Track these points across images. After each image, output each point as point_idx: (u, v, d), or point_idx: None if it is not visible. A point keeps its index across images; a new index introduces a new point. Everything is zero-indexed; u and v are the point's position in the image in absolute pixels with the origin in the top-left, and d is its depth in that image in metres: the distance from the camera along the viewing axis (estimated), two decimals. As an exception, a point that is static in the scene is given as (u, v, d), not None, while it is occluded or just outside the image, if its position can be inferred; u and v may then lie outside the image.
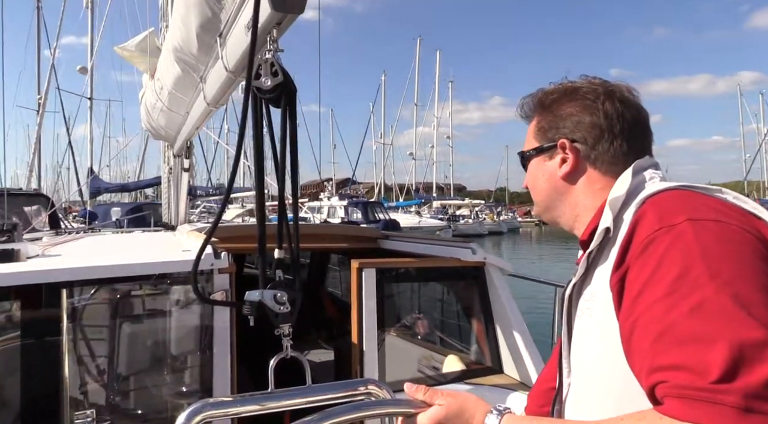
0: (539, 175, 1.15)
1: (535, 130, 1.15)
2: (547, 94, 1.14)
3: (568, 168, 1.08)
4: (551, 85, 1.16)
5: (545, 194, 1.14)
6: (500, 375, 2.76)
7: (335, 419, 1.12)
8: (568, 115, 1.08)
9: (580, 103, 1.08)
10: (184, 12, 2.21)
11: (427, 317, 3.22)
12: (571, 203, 1.10)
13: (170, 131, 4.03)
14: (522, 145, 1.20)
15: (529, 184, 1.20)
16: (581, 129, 1.07)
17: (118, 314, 2.20)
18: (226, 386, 2.18)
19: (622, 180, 1.00)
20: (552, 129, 1.11)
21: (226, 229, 3.35)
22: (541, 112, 1.14)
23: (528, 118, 1.19)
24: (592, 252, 0.98)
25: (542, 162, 1.14)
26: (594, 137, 1.05)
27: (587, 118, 1.06)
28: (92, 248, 3.12)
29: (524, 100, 1.20)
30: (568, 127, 1.08)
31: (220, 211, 1.64)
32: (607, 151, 1.05)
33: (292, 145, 1.46)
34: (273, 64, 1.38)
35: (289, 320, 1.45)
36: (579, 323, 1.00)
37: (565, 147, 1.08)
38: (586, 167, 1.07)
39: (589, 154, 1.07)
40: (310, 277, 5.02)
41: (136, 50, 4.30)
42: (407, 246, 3.34)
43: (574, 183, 1.09)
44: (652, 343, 0.75)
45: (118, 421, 2.10)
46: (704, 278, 0.75)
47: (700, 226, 0.81)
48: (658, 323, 0.76)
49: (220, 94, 2.43)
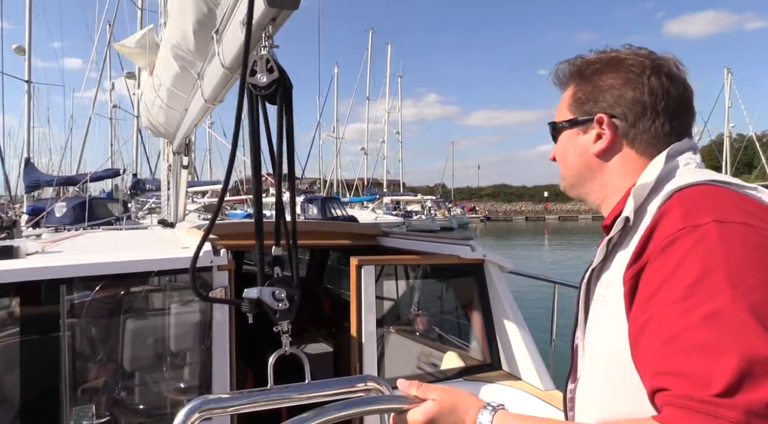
0: (570, 149, 1.08)
1: (571, 100, 1.07)
2: (588, 64, 1.05)
3: (603, 145, 1.01)
4: (593, 53, 1.07)
5: (575, 170, 1.08)
6: (499, 372, 2.76)
7: (334, 414, 1.12)
8: (608, 87, 1.01)
9: (623, 75, 1.00)
10: (180, 9, 2.21)
11: (426, 313, 3.22)
12: (601, 183, 1.04)
13: (169, 128, 4.03)
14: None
15: (558, 156, 1.13)
16: (622, 104, 0.99)
17: (117, 311, 2.20)
18: (226, 382, 2.18)
19: (654, 165, 0.95)
20: (590, 101, 1.03)
21: (225, 226, 3.35)
22: (579, 82, 1.06)
23: (562, 86, 1.12)
24: (612, 238, 0.94)
25: (575, 135, 1.07)
26: (635, 114, 0.98)
27: (630, 92, 0.99)
28: (91, 245, 3.12)
29: (560, 66, 1.11)
30: (607, 100, 1.01)
31: (218, 207, 1.64)
32: (647, 130, 0.98)
33: (288, 141, 1.46)
34: (268, 60, 1.38)
35: (288, 317, 1.45)
36: (594, 309, 0.98)
37: (602, 122, 1.01)
38: (623, 146, 1.01)
39: (627, 132, 1.00)
40: (309, 274, 5.02)
41: (135, 47, 4.30)
42: (406, 243, 3.34)
43: (607, 161, 1.02)
44: (661, 346, 0.73)
45: (118, 417, 2.10)
46: (723, 285, 0.72)
47: (727, 229, 0.77)
48: (670, 327, 0.73)
49: (218, 91, 2.43)
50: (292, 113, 1.44)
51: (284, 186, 1.52)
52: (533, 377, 2.61)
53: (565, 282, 3.46)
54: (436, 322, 3.26)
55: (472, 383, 2.66)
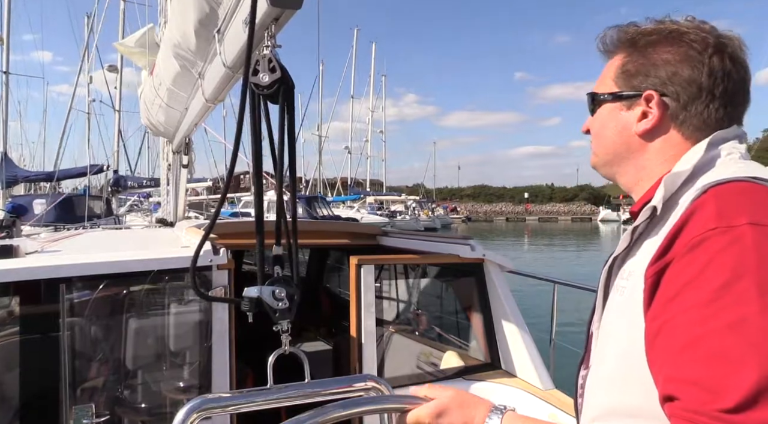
0: (609, 124, 0.99)
1: (618, 71, 0.98)
2: (643, 33, 0.95)
3: (648, 125, 0.93)
4: (649, 22, 0.97)
5: (611, 148, 0.99)
6: (499, 371, 2.76)
7: (333, 414, 1.12)
8: (663, 62, 0.91)
9: (682, 51, 0.90)
10: (181, 8, 2.21)
11: (426, 313, 3.22)
12: (637, 164, 0.96)
13: (169, 128, 4.03)
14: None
15: (593, 130, 1.04)
16: (676, 82, 0.90)
17: (117, 310, 2.20)
18: (225, 381, 2.18)
19: (692, 153, 0.88)
20: (639, 75, 0.94)
21: (225, 225, 3.35)
22: (631, 53, 0.96)
23: (608, 54, 1.02)
24: (638, 227, 0.88)
25: (617, 110, 0.97)
26: (689, 95, 0.90)
27: (686, 71, 0.89)
28: (91, 244, 3.12)
29: (608, 32, 1.02)
30: (660, 76, 0.91)
31: (218, 206, 1.64)
32: (699, 114, 0.90)
33: (290, 141, 1.46)
34: (271, 59, 1.38)
35: (288, 316, 1.45)
36: (611, 298, 0.93)
37: (650, 100, 0.92)
38: (669, 128, 0.92)
39: (677, 114, 0.91)
40: (309, 273, 5.02)
41: (135, 46, 4.29)
42: (406, 243, 3.34)
43: (649, 142, 0.94)
44: (678, 350, 0.69)
45: (118, 416, 2.10)
46: (752, 293, 0.67)
47: (762, 233, 0.71)
48: (690, 331, 0.69)
49: (219, 91, 2.43)
50: (294, 113, 1.44)
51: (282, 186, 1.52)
52: (533, 377, 2.61)
53: (565, 282, 3.46)
54: (435, 321, 3.27)
55: (472, 383, 2.67)
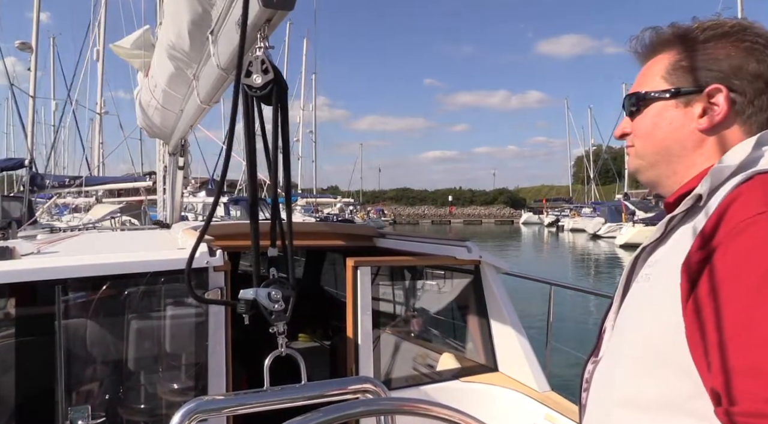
0: (663, 123, 0.94)
1: (670, 68, 0.93)
2: (702, 28, 0.91)
3: (714, 120, 0.88)
4: (703, 20, 0.93)
5: (661, 147, 0.94)
6: (495, 373, 2.76)
7: (328, 417, 1.12)
8: (725, 56, 0.88)
9: (746, 45, 0.87)
10: (175, 9, 2.20)
11: (423, 315, 3.22)
12: (687, 163, 0.92)
13: (165, 129, 4.03)
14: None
15: (639, 131, 0.98)
16: (741, 76, 0.86)
17: (112, 312, 2.20)
18: (221, 384, 2.18)
19: (740, 148, 0.85)
20: (701, 70, 0.89)
21: (220, 226, 3.34)
22: (686, 48, 0.92)
23: (648, 54, 0.99)
24: (674, 218, 0.85)
25: (671, 108, 0.93)
26: (755, 90, 0.86)
27: (753, 64, 0.86)
28: (87, 246, 3.11)
29: (648, 32, 0.98)
30: (723, 70, 0.88)
31: (212, 208, 1.63)
32: (764, 110, 0.87)
33: (284, 142, 1.46)
34: (264, 61, 1.38)
35: (284, 318, 1.45)
36: (634, 288, 0.90)
37: (714, 94, 0.88)
38: (733, 124, 0.88)
39: (744, 109, 0.87)
40: (306, 275, 5.02)
41: (131, 48, 4.28)
42: (403, 244, 3.34)
43: (709, 137, 0.90)
44: (730, 337, 0.66)
45: (113, 417, 2.10)
46: None
47: None
48: (741, 317, 0.66)
49: (213, 92, 2.43)
50: (287, 114, 1.44)
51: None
52: (529, 379, 2.61)
53: (562, 283, 3.46)
54: (432, 323, 3.27)
55: (468, 384, 2.66)
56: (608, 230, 37.42)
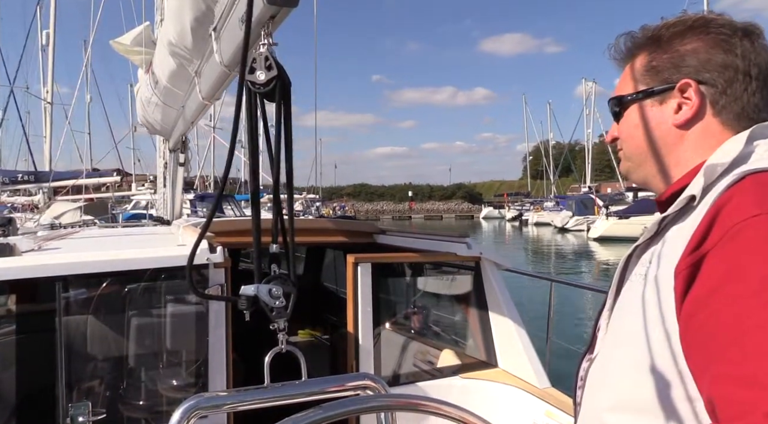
0: (641, 123, 0.96)
1: (643, 70, 0.96)
2: (667, 27, 0.94)
3: (688, 114, 0.90)
4: (668, 19, 0.96)
5: (644, 146, 0.97)
6: (495, 369, 2.77)
7: (329, 413, 1.12)
8: (693, 51, 0.90)
9: (711, 38, 0.89)
10: (178, 6, 2.20)
11: (423, 311, 3.23)
12: (674, 159, 0.94)
13: (166, 126, 4.03)
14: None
15: (624, 134, 1.01)
16: (710, 68, 0.88)
17: (113, 309, 2.20)
18: (222, 380, 2.18)
19: (731, 144, 0.85)
20: (670, 68, 0.92)
21: (221, 223, 3.35)
22: (655, 49, 0.95)
23: (624, 60, 1.02)
24: (667, 217, 0.86)
25: (648, 107, 0.95)
26: (726, 80, 0.88)
27: (720, 55, 0.88)
28: (87, 243, 3.12)
29: (621, 38, 1.01)
30: (692, 65, 0.89)
31: (215, 204, 1.64)
32: (738, 99, 0.88)
33: (287, 139, 1.46)
34: (267, 57, 1.38)
35: (285, 315, 1.45)
36: (628, 287, 0.90)
37: (686, 89, 0.90)
38: (708, 116, 0.89)
39: (716, 100, 0.88)
40: (306, 271, 5.02)
41: (131, 44, 4.28)
42: (403, 241, 3.35)
43: (687, 131, 0.91)
44: (726, 345, 0.65)
45: (114, 414, 2.10)
46: None
47: None
48: (738, 324, 0.64)
49: (215, 89, 2.43)
50: (290, 111, 1.44)
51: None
52: (529, 375, 2.62)
53: (562, 280, 3.47)
54: (432, 319, 3.27)
55: (469, 381, 2.67)
56: (576, 223, 37.49)
